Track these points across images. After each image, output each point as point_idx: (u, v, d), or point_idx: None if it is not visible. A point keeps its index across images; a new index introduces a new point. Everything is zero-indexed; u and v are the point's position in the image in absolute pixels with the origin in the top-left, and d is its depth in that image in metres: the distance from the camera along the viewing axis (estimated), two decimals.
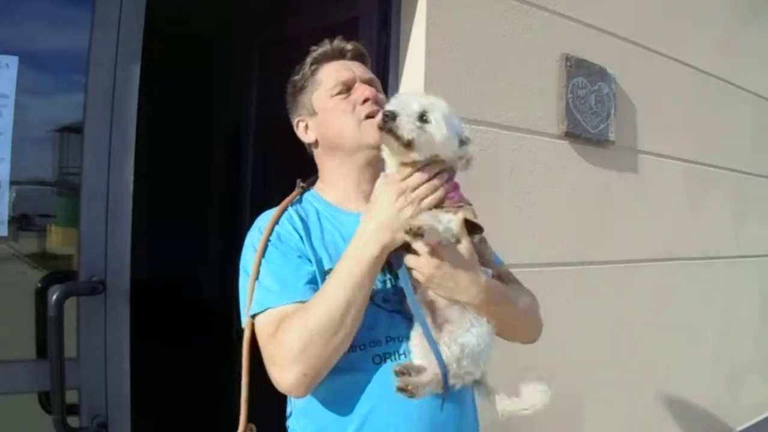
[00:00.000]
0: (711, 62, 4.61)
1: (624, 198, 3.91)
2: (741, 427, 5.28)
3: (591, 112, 3.55)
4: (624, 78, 3.80)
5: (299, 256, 1.65)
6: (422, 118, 1.50)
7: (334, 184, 1.81)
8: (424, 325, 1.53)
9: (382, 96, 1.80)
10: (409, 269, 1.55)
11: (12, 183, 1.99)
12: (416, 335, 1.60)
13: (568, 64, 3.43)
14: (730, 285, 5.10)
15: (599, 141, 3.65)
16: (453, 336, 1.55)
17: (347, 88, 1.76)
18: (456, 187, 1.59)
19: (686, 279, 4.54)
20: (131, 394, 2.13)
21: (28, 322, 2.05)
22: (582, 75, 3.51)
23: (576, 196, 3.57)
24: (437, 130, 1.51)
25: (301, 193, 1.84)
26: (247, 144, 4.13)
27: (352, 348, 1.58)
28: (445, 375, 1.51)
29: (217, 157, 6.25)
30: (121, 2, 2.07)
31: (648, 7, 4.03)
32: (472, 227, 1.58)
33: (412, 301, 1.54)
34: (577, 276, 3.62)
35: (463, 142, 1.58)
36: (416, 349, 1.59)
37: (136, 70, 2.11)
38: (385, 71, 2.87)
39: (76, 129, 2.06)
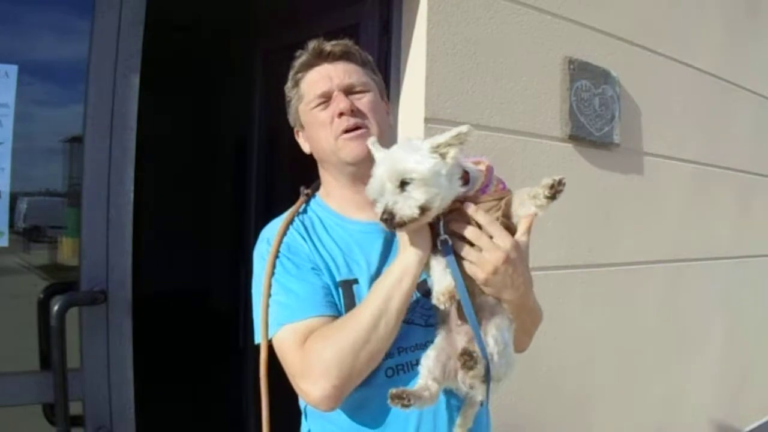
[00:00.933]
0: (715, 63, 4.59)
1: (629, 200, 3.90)
2: (749, 428, 5.27)
3: (595, 115, 3.53)
4: (628, 80, 3.78)
5: (312, 268, 1.63)
6: (403, 185, 1.42)
7: (334, 194, 1.79)
8: (474, 326, 1.46)
9: (365, 99, 1.71)
10: (461, 263, 1.49)
11: (22, 194, 2.00)
12: (433, 348, 1.56)
13: (572, 66, 3.42)
14: (737, 285, 5.07)
15: (604, 143, 3.63)
16: (499, 329, 1.51)
17: (325, 100, 1.69)
18: (499, 179, 1.57)
19: (693, 280, 4.52)
20: (136, 405, 2.12)
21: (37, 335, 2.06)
22: (586, 78, 3.49)
23: (581, 199, 3.55)
24: (421, 179, 1.42)
25: (306, 201, 1.82)
26: (252, 152, 4.13)
27: None
28: (488, 367, 1.46)
29: (223, 165, 6.25)
30: (120, 11, 2.07)
31: (651, 9, 4.02)
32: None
33: (463, 297, 1.46)
34: (584, 278, 3.61)
35: (442, 153, 1.46)
36: (428, 361, 1.54)
37: (135, 80, 2.11)
38: (386, 77, 2.86)
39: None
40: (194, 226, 6.66)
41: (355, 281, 1.64)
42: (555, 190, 1.46)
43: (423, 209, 1.41)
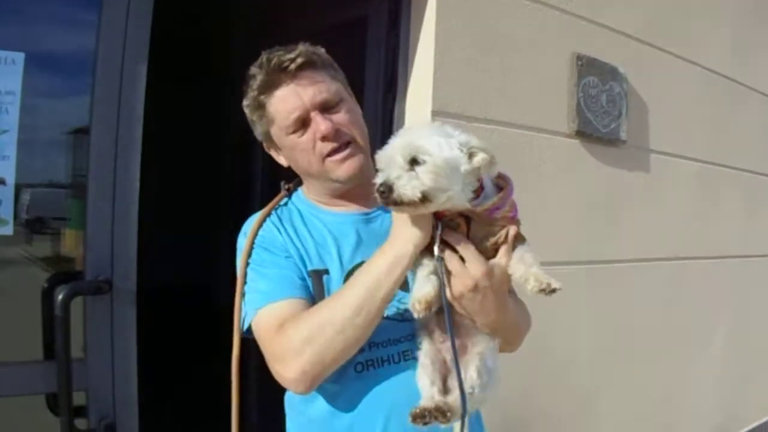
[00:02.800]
0: (722, 63, 4.57)
1: (635, 197, 3.88)
2: (751, 426, 5.27)
3: (602, 111, 3.52)
4: (635, 77, 3.76)
5: (286, 256, 1.62)
6: (413, 162, 1.33)
7: (315, 196, 1.75)
8: (454, 352, 1.41)
9: (342, 111, 1.63)
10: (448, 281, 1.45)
11: (26, 185, 1.99)
12: (425, 355, 1.51)
13: (580, 63, 3.40)
14: (740, 284, 5.06)
15: (610, 140, 3.61)
16: (483, 359, 1.48)
17: (302, 124, 1.59)
18: (513, 205, 1.49)
19: (697, 278, 4.51)
20: (139, 397, 2.11)
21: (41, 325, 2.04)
22: (593, 74, 3.47)
23: (586, 195, 3.54)
24: (434, 164, 1.33)
25: (287, 195, 1.80)
26: (257, 147, 4.11)
27: None
28: (465, 407, 1.41)
29: (228, 161, 6.23)
30: (128, 2, 2.06)
31: (660, 7, 4.00)
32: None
33: (448, 323, 1.42)
34: (588, 275, 3.60)
35: (471, 153, 1.39)
36: (426, 370, 1.50)
37: (143, 70, 2.10)
38: (394, 70, 2.86)
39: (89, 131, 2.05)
40: (198, 221, 6.64)
41: (326, 271, 1.61)
42: (544, 293, 1.42)
43: (425, 197, 1.32)
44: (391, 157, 1.35)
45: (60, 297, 1.89)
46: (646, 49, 3.89)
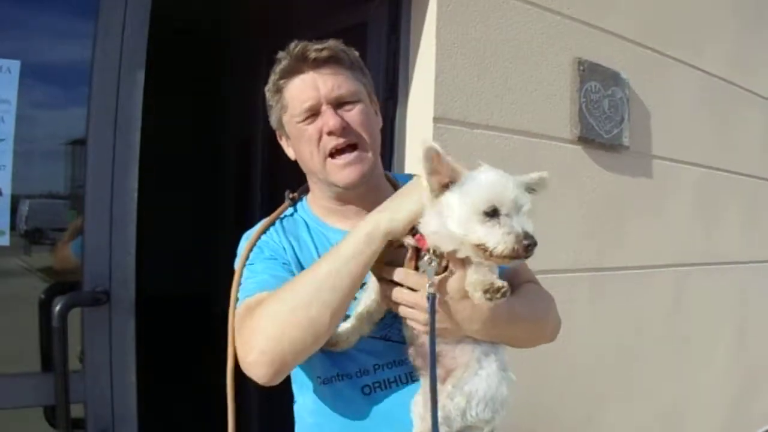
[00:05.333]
0: (724, 68, 4.56)
1: (638, 203, 3.86)
2: None
3: (604, 117, 3.50)
4: (638, 83, 3.75)
5: (284, 263, 1.59)
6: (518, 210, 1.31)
7: (319, 203, 1.73)
8: (433, 383, 1.34)
9: (355, 111, 1.61)
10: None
11: (24, 196, 1.98)
12: (422, 391, 1.47)
13: (582, 68, 3.38)
14: (744, 290, 5.04)
15: (613, 146, 3.59)
16: (458, 384, 1.40)
17: (313, 114, 1.58)
18: None
19: (700, 284, 4.48)
20: (138, 408, 2.09)
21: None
22: (595, 79, 3.46)
23: (589, 201, 3.52)
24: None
25: (292, 204, 1.77)
26: (256, 155, 4.10)
27: (340, 377, 1.54)
28: None
29: (227, 169, 6.22)
30: (125, 10, 2.04)
31: (661, 12, 3.98)
32: None
33: (431, 356, 1.34)
34: (591, 282, 3.57)
35: None
36: (417, 407, 1.46)
37: (140, 79, 2.08)
38: (394, 76, 2.84)
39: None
40: (197, 229, 6.63)
41: None
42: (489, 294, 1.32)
43: None
44: (514, 201, 1.28)
45: (57, 308, 1.87)
46: (648, 54, 3.87)
